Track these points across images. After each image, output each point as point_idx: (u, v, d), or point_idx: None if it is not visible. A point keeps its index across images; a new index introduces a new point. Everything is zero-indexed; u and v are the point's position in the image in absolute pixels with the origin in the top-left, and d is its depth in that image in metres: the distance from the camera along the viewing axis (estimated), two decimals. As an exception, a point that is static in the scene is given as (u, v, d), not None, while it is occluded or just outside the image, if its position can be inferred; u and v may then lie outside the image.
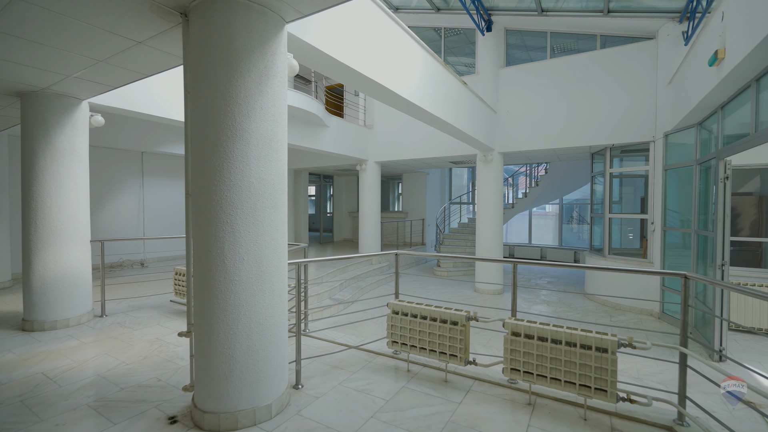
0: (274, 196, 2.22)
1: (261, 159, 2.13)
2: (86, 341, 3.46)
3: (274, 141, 2.20)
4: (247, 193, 2.09)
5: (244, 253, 2.09)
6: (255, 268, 2.12)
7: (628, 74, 6.35)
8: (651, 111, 6.17)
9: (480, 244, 7.75)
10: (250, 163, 2.09)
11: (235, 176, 2.06)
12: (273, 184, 2.20)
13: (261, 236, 2.14)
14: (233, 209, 2.06)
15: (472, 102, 6.15)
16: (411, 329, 2.74)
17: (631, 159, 7.43)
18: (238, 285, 2.08)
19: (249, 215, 2.10)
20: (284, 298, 2.34)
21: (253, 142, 2.10)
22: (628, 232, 7.87)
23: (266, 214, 2.17)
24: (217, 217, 2.05)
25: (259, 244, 2.13)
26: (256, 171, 2.11)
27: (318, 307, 5.91)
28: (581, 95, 6.73)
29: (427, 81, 4.55)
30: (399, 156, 8.87)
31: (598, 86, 6.58)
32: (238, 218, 2.07)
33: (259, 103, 2.11)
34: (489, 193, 7.64)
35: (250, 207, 2.10)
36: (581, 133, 6.73)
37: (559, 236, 12.59)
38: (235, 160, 2.06)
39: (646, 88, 6.20)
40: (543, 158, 8.93)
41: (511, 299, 2.66)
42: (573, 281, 8.96)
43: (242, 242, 2.08)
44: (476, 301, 7.02)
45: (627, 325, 5.54)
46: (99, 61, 2.93)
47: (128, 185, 8.07)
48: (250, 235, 2.10)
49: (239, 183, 2.07)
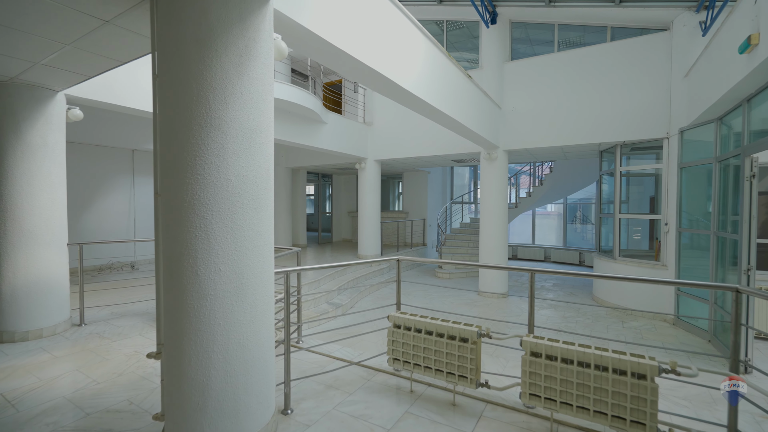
0: (257, 196, 1.91)
1: (241, 153, 1.83)
2: (58, 354, 3.16)
3: (256, 132, 1.90)
4: (225, 193, 1.79)
5: (220, 262, 1.78)
6: (234, 279, 1.82)
7: (641, 68, 6.04)
8: (665, 106, 5.86)
9: (484, 246, 7.45)
10: (227, 157, 1.79)
11: (210, 173, 1.76)
12: (256, 182, 1.90)
13: (241, 242, 1.84)
14: (208, 211, 1.76)
15: (477, 97, 5.85)
16: (415, 346, 2.44)
17: (638, 157, 7.12)
18: (214, 300, 1.78)
19: (227, 218, 1.80)
20: (270, 313, 2.04)
21: (232, 133, 1.80)
22: (634, 232, 7.57)
23: (248, 217, 1.86)
24: (188, 220, 1.75)
25: (238, 252, 1.83)
26: (235, 167, 1.81)
27: (313, 319, 5.62)
28: (591, 90, 6.42)
29: (429, 72, 4.25)
30: (399, 154, 8.56)
31: (609, 80, 6.27)
32: (213, 222, 1.77)
33: (238, 87, 1.81)
34: (493, 192, 7.34)
35: (228, 209, 1.80)
36: (590, 129, 6.43)
37: (563, 237, 12.29)
38: (210, 154, 1.75)
39: (659, 82, 5.90)
40: (549, 156, 8.62)
41: (528, 313, 2.35)
42: (579, 283, 8.66)
43: (218, 250, 1.78)
44: (481, 305, 6.72)
45: (642, 333, 5.25)
46: (66, 45, 2.62)
47: (118, 184, 7.76)
48: (228, 241, 1.80)
49: (215, 181, 1.77)
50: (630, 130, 6.13)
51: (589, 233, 13.45)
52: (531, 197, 10.87)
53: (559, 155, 8.21)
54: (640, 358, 1.81)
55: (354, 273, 7.93)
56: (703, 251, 5.26)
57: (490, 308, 6.53)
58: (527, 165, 12.38)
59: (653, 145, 6.49)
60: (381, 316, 3.49)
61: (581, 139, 6.53)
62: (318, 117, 7.08)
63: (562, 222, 13.70)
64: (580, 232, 13.81)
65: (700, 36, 5.32)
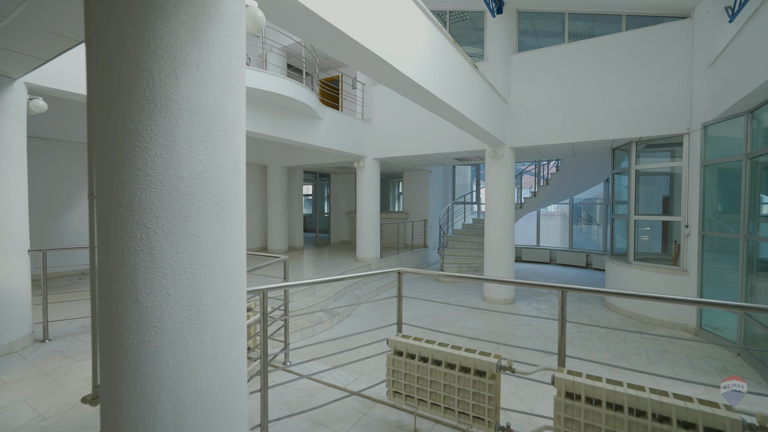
0: (220, 198, 1.50)
1: (197, 142, 1.42)
2: (8, 379, 2.74)
3: (219, 116, 1.48)
4: (175, 194, 1.38)
5: (168, 284, 1.37)
6: (188, 306, 1.41)
7: (658, 58, 5.63)
8: (685, 99, 5.45)
9: (489, 249, 7.04)
10: (178, 148, 1.38)
11: (155, 168, 1.34)
12: (218, 180, 1.49)
13: (198, 257, 1.43)
14: (151, 218, 1.35)
15: (483, 89, 5.43)
16: (420, 378, 2.02)
17: (649, 155, 6.69)
18: (160, 333, 1.36)
19: (177, 226, 1.38)
20: (239, 346, 1.62)
21: (185, 117, 1.38)
22: (641, 234, 7.15)
23: (206, 225, 1.45)
24: (125, 230, 1.34)
25: (194, 270, 1.42)
26: (189, 160, 1.40)
27: (306, 327, 5.20)
28: (604, 83, 6.00)
29: (431, 58, 3.83)
30: (400, 152, 8.15)
31: (624, 73, 5.86)
32: (159, 232, 1.35)
33: (193, 57, 1.40)
34: (499, 192, 6.92)
35: (180, 214, 1.39)
36: (604, 125, 6.01)
37: (569, 238, 11.88)
38: (154, 144, 1.34)
39: (679, 73, 5.49)
40: (558, 154, 8.20)
41: (559, 340, 1.94)
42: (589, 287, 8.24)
43: (166, 268, 1.37)
44: (487, 313, 6.30)
45: (663, 345, 4.84)
46: (4, 18, 2.20)
47: (103, 184, 7.33)
48: (180, 256, 1.39)
49: (161, 178, 1.35)
50: (647, 126, 5.72)
51: (595, 234, 13.04)
52: (536, 197, 10.46)
53: (569, 153, 7.80)
54: (713, 408, 1.40)
55: (352, 277, 7.51)
56: (728, 255, 4.86)
57: (497, 317, 6.12)
58: (532, 164, 11.98)
59: (668, 142, 6.08)
60: (380, 326, 3.08)
61: (594, 136, 6.12)
62: (313, 112, 6.66)
63: (567, 223, 13.29)
64: (585, 233, 13.40)
65: (727, 22, 4.90)
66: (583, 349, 4.65)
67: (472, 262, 9.54)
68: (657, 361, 4.34)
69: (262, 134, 5.87)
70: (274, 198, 10.37)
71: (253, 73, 5.12)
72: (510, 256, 6.95)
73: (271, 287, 1.93)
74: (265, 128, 5.85)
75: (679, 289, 5.43)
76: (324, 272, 7.36)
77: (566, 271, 10.31)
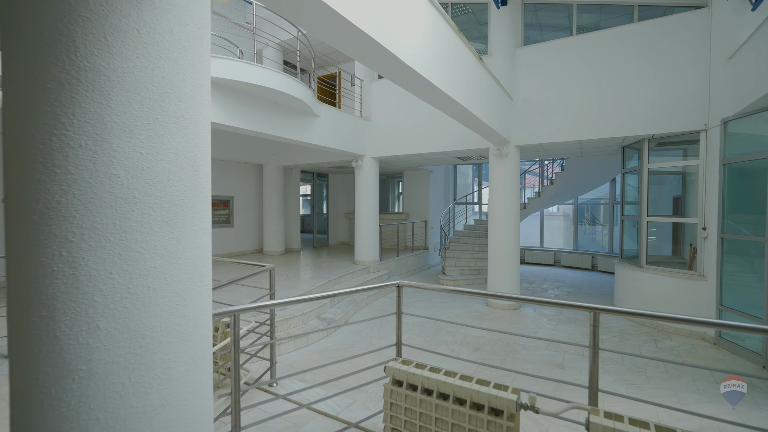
0: (172, 202, 1.19)
1: (139, 131, 1.10)
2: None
3: (170, 99, 1.17)
4: (107, 197, 1.06)
5: (98, 314, 1.06)
6: (126, 341, 1.09)
7: (673, 50, 5.32)
8: (702, 94, 5.14)
9: (493, 252, 6.72)
10: (111, 137, 1.06)
11: (79, 163, 1.03)
12: (169, 179, 1.17)
13: (140, 279, 1.11)
14: (74, 228, 1.03)
15: (487, 83, 5.12)
16: (423, 414, 1.71)
17: (659, 154, 6.37)
18: (87, 379, 1.05)
19: (111, 240, 1.07)
20: (201, 383, 1.31)
21: (120, 98, 1.07)
22: (649, 235, 6.84)
23: (152, 237, 1.14)
24: (40, 244, 1.02)
25: (135, 296, 1.11)
26: (126, 154, 1.08)
27: (299, 336, 4.88)
28: (615, 78, 5.69)
29: (433, 45, 3.51)
30: (400, 151, 7.83)
31: (636, 66, 5.54)
32: (84, 247, 1.04)
33: (132, 20, 1.08)
34: (503, 192, 6.61)
35: (114, 224, 1.07)
36: (615, 122, 5.70)
37: (574, 239, 11.57)
38: (78, 132, 1.03)
39: (695, 66, 5.18)
40: (564, 153, 7.88)
41: (590, 372, 1.62)
42: (597, 291, 7.93)
43: (95, 294, 1.05)
44: (491, 319, 5.99)
45: (681, 355, 4.53)
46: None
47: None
48: (115, 278, 1.07)
49: (87, 177, 1.04)
50: (661, 122, 5.41)
51: (599, 235, 12.72)
52: (540, 197, 10.15)
53: (576, 151, 7.48)
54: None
55: (348, 282, 7.21)
56: (751, 260, 4.55)
57: (502, 323, 5.80)
58: (535, 164, 11.67)
59: (681, 140, 5.78)
60: (380, 333, 2.76)
61: (604, 133, 5.80)
62: (309, 109, 6.35)
63: (571, 223, 12.99)
64: (589, 234, 13.09)
65: (749, 11, 4.59)
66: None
67: (474, 265, 9.22)
68: (676, 375, 4.02)
69: (253, 132, 5.56)
70: (270, 199, 10.06)
71: (243, 66, 4.81)
72: (515, 260, 6.63)
73: (244, 308, 1.61)
74: (257, 125, 5.54)
75: (696, 295, 5.12)
76: (320, 275, 7.05)
77: (572, 274, 9.99)
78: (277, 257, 9.53)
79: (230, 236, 9.75)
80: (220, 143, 8.70)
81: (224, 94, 5.00)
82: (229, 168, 9.79)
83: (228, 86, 5.02)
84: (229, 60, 4.70)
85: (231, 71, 4.68)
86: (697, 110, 5.17)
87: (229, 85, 5.00)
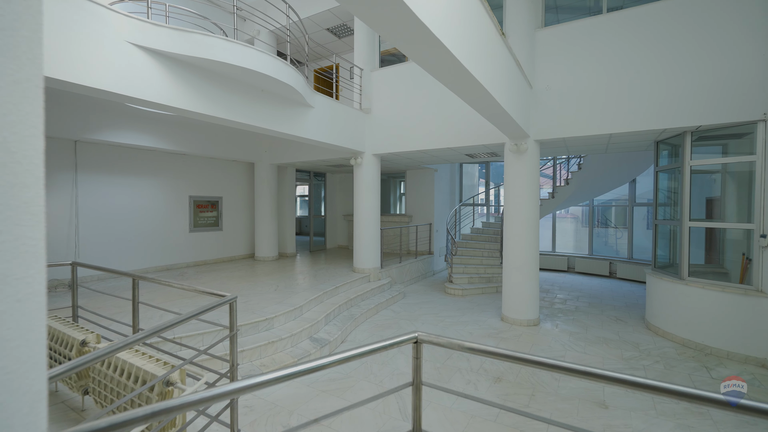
0: None
1: None
2: None
3: None
4: None
5: None
6: None
7: (724, 29, 4.56)
8: (759, 79, 4.38)
9: (509, 260, 5.95)
10: None
11: None
12: None
13: None
14: None
15: (508, 64, 4.36)
16: None
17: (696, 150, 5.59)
18: None
19: None
20: None
21: None
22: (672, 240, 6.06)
23: None
24: None
25: None
26: None
27: (288, 366, 4.14)
28: (654, 61, 4.93)
29: (454, 9, 2.76)
30: (404, 147, 7.07)
31: (680, 47, 4.78)
32: None
33: None
34: (521, 194, 5.84)
35: None
36: (652, 112, 4.94)
37: (589, 244, 10.80)
38: None
39: (751, 47, 4.42)
40: (588, 149, 7.10)
41: None
42: (622, 303, 7.16)
43: None
44: (508, 339, 5.21)
45: (747, 391, 3.74)
46: None
47: (57, 183, 6.28)
48: None
49: None
50: (708, 112, 4.64)
51: (612, 238, 11.94)
52: (554, 199, 9.38)
53: (601, 147, 6.72)
54: None
55: (346, 293, 6.44)
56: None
57: (522, 343, 5.03)
58: (547, 162, 10.90)
59: (725, 133, 5.02)
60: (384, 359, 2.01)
61: (639, 125, 5.04)
62: (301, 98, 5.59)
63: (581, 226, 12.22)
64: (602, 237, 12.32)
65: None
66: (648, 400, 3.55)
67: (484, 272, 8.46)
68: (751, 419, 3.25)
69: (235, 122, 4.80)
70: (262, 200, 9.30)
71: (218, 43, 4.05)
72: (533, 271, 5.86)
73: None
74: (240, 115, 4.78)
75: (754, 314, 4.35)
76: (315, 286, 6.29)
77: (589, 282, 9.22)
78: (270, 263, 8.77)
79: (218, 241, 8.99)
80: (207, 139, 7.95)
81: (198, 76, 4.24)
82: (218, 166, 9.03)
83: (202, 68, 4.26)
84: (201, 35, 3.95)
85: (203, 48, 3.93)
86: (755, 97, 4.41)
87: (203, 67, 4.25)
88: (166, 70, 3.92)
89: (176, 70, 4.01)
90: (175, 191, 8.08)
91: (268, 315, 4.62)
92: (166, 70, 3.92)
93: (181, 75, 4.07)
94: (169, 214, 7.92)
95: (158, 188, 7.75)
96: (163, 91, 3.91)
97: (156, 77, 3.83)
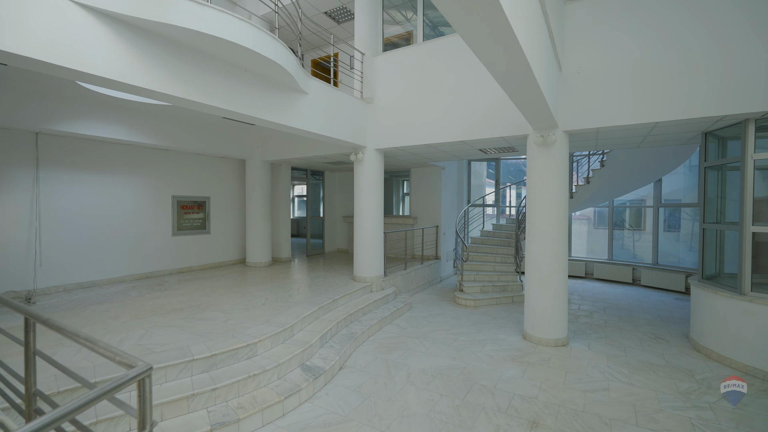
0: None
1: None
2: None
3: None
4: None
5: None
6: None
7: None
8: None
9: (534, 269, 5.15)
10: None
11: None
12: None
13: None
14: None
15: (543, 35, 3.56)
16: None
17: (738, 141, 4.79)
18: None
19: None
20: None
21: None
22: (708, 246, 5.25)
23: None
24: None
25: None
26: None
27: (268, 407, 3.33)
28: (708, 35, 4.14)
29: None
30: (410, 141, 6.28)
31: (739, 18, 3.99)
32: None
33: None
34: (548, 193, 5.05)
35: None
36: (709, 96, 4.14)
37: (608, 248, 10.00)
38: None
39: (838, 13, 3.62)
40: (622, 142, 6.25)
41: None
42: (653, 315, 6.36)
43: None
44: (538, 366, 4.40)
45: None
46: None
47: (14, 180, 5.50)
48: None
49: None
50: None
51: (628, 241, 11.13)
52: (574, 199, 8.57)
53: (636, 141, 5.91)
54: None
55: (345, 307, 5.64)
56: None
57: (553, 370, 4.20)
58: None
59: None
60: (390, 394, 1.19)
61: (692, 112, 4.24)
62: (293, 82, 4.80)
63: (594, 228, 11.39)
64: (618, 240, 11.51)
65: None
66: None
67: (497, 280, 7.67)
68: None
69: (211, 107, 4.00)
70: (253, 200, 8.51)
71: (185, 5, 3.25)
72: (562, 281, 5.06)
73: None
74: (217, 99, 3.98)
75: None
76: (310, 298, 5.49)
77: (611, 290, 8.42)
78: (261, 270, 7.97)
79: (206, 245, 8.19)
80: (191, 133, 7.16)
81: (162, 50, 3.45)
82: (205, 164, 8.24)
83: (167, 37, 3.47)
84: (163, -8, 3.15)
85: (162, 10, 3.13)
86: (843, 75, 3.61)
87: (168, 36, 3.45)
88: (120, 38, 3.13)
89: (133, 39, 3.22)
90: (156, 190, 7.29)
91: (251, 339, 3.82)
92: (119, 38, 3.13)
93: (140, 45, 3.27)
94: (148, 215, 7.13)
95: (136, 187, 6.96)
96: (115, 65, 3.11)
97: (106, 46, 3.04)
